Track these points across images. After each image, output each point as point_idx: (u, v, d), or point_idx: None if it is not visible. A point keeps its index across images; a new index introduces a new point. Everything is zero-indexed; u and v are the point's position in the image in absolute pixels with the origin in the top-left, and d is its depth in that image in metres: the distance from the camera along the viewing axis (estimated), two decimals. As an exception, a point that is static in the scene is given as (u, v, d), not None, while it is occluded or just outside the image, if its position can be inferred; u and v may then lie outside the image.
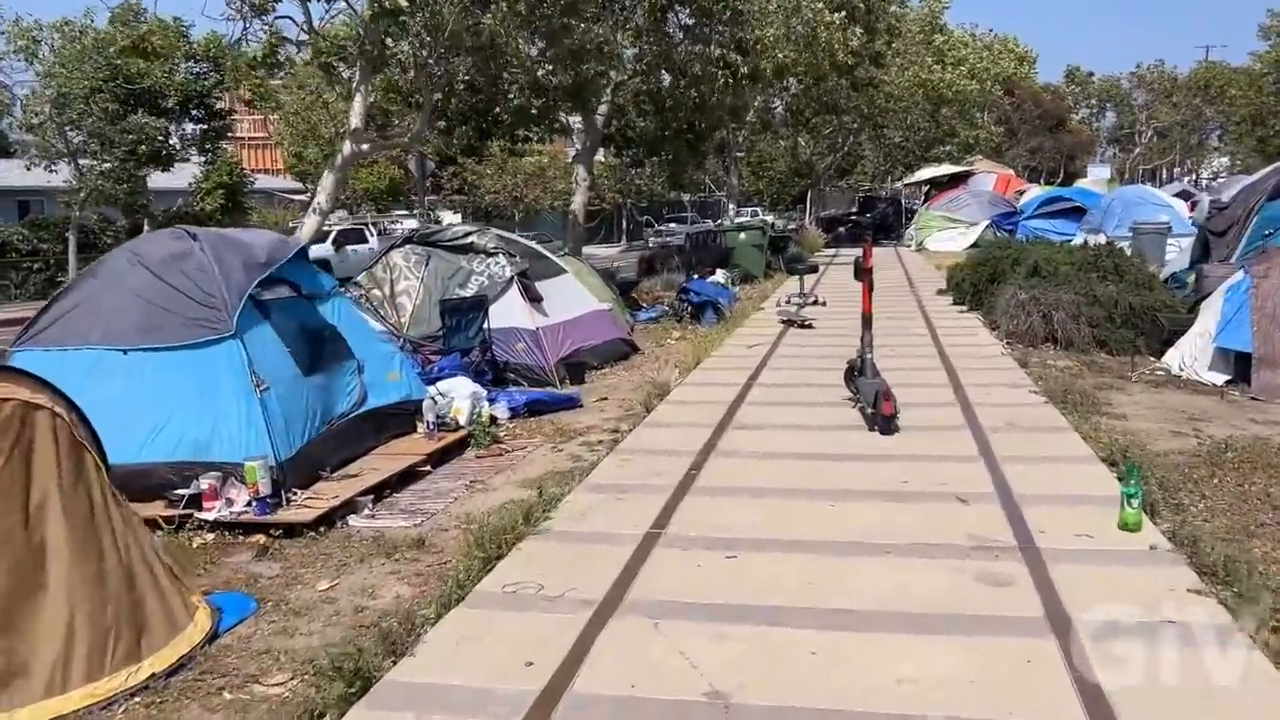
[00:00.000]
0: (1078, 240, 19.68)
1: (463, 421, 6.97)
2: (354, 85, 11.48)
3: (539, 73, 14.20)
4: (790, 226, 40.67)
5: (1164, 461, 5.67)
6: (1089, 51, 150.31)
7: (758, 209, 47.94)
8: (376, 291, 9.92)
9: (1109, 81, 74.86)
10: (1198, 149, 71.34)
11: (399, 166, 38.51)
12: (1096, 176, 55.44)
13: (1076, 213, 24.11)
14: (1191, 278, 12.20)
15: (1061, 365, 9.03)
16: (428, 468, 6.29)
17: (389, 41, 11.39)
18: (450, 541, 4.78)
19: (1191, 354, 8.66)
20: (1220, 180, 58.65)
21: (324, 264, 17.50)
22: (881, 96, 33.72)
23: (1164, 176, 67.71)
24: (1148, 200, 21.71)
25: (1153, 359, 9.53)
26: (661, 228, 42.58)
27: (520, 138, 18.38)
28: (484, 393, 7.48)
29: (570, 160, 24.99)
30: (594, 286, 11.61)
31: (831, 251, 26.80)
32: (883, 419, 6.26)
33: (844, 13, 19.58)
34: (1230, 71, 61.81)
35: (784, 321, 12.16)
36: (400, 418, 6.83)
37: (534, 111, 15.85)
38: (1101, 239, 19.57)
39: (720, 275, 15.38)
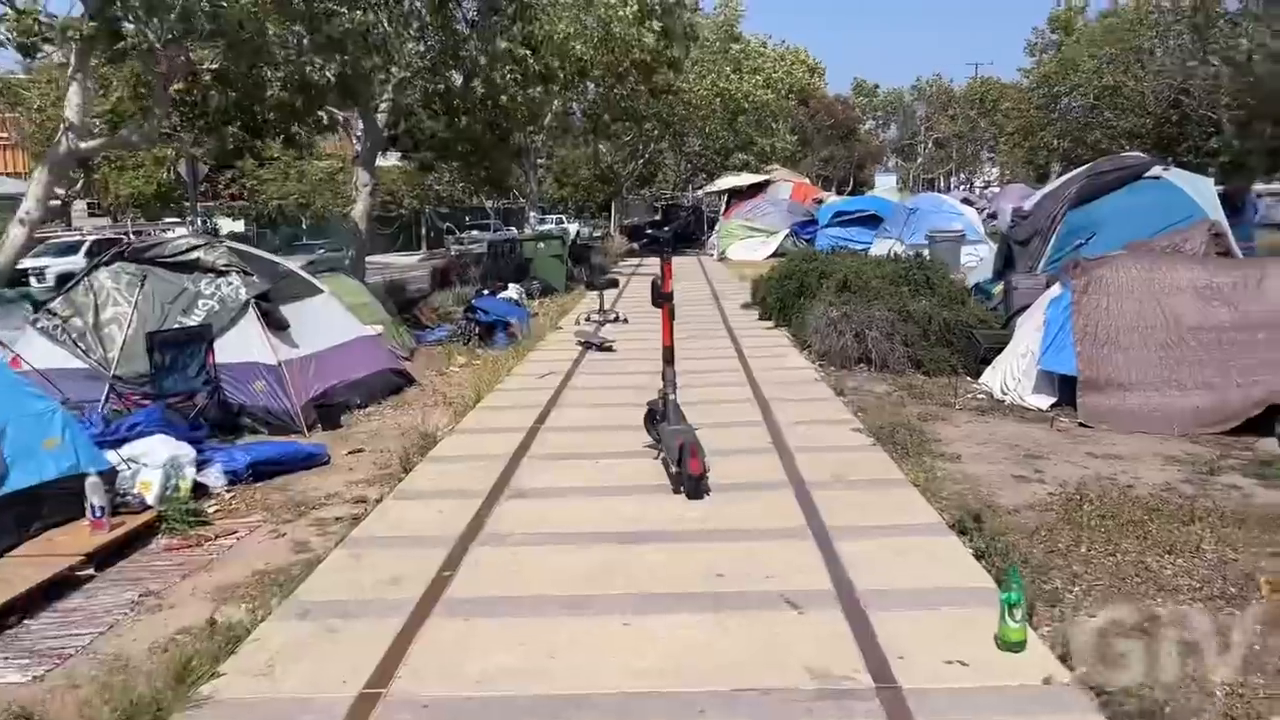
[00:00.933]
0: (876, 249, 19.59)
1: (151, 499, 5.31)
2: (70, 71, 9.46)
3: (305, 66, 12.43)
4: (596, 235, 39.78)
5: (1018, 523, 4.76)
6: (873, 65, 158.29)
7: (562, 216, 46.88)
8: (77, 320, 7.99)
9: (893, 94, 78.56)
10: (973, 159, 75.80)
11: (168, 169, 34.95)
12: (884, 184, 57.72)
13: (873, 221, 24.23)
14: (997, 288, 11.85)
15: (880, 391, 8.21)
16: (90, 571, 4.64)
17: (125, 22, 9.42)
18: (73, 712, 3.22)
19: (1014, 376, 8.01)
20: (993, 189, 62.39)
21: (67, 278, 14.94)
22: (681, 104, 33.30)
23: (942, 185, 71.45)
24: (942, 208, 21.98)
25: (970, 379, 8.91)
26: (463, 235, 40.76)
27: (297, 139, 16.44)
28: (190, 454, 5.81)
29: (351, 163, 23.00)
30: (361, 307, 10.00)
31: (635, 261, 25.91)
32: (690, 480, 5.09)
33: (635, 6, 18.65)
34: (1001, 86, 65.88)
35: (582, 343, 10.94)
36: (64, 499, 5.09)
37: (298, 107, 14.00)
38: (900, 247, 19.61)
39: (513, 290, 14.02)
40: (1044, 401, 7.74)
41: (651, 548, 4.47)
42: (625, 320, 12.97)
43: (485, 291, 13.81)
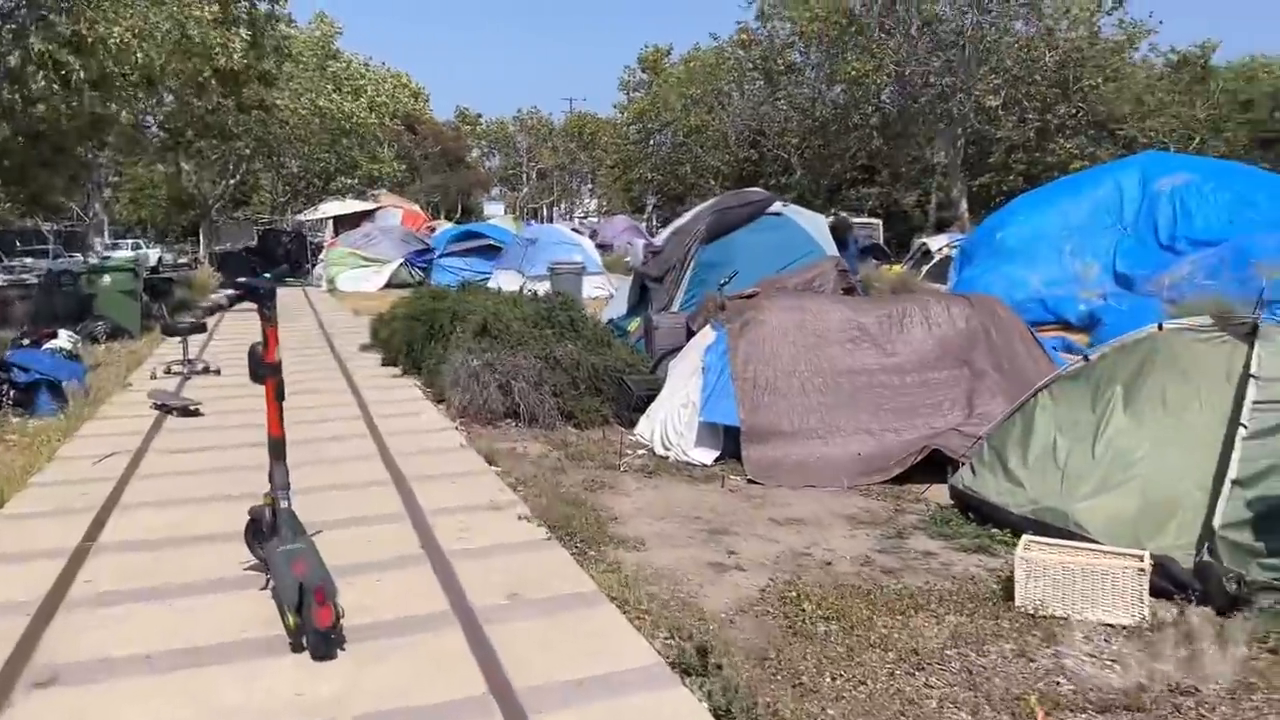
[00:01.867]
0: (496, 280, 18.74)
1: None
2: None
3: None
4: (182, 262, 35.42)
5: (743, 641, 3.87)
6: (475, 94, 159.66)
7: (141, 241, 41.53)
8: None
9: (496, 124, 79.30)
10: (576, 191, 78.51)
11: None
12: (492, 212, 57.83)
13: (491, 250, 23.48)
14: (633, 324, 11.36)
15: (535, 453, 7.15)
16: None
17: None
18: None
19: (675, 429, 7.32)
20: (592, 219, 64.88)
21: None
22: (275, 122, 30.54)
23: (545, 215, 73.17)
24: (563, 240, 21.68)
25: (623, 429, 8.17)
26: (13, 263, 34.35)
27: None
28: None
29: None
30: None
31: (231, 293, 22.99)
32: (317, 635, 3.63)
33: (216, 6, 16.27)
34: (598, 121, 68.82)
35: (158, 407, 8.77)
36: None
37: None
38: (521, 280, 18.93)
39: (65, 339, 11.27)
40: (708, 456, 7.12)
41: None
42: (217, 372, 10.85)
43: (26, 341, 10.93)
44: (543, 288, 14.97)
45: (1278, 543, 4.61)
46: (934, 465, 6.44)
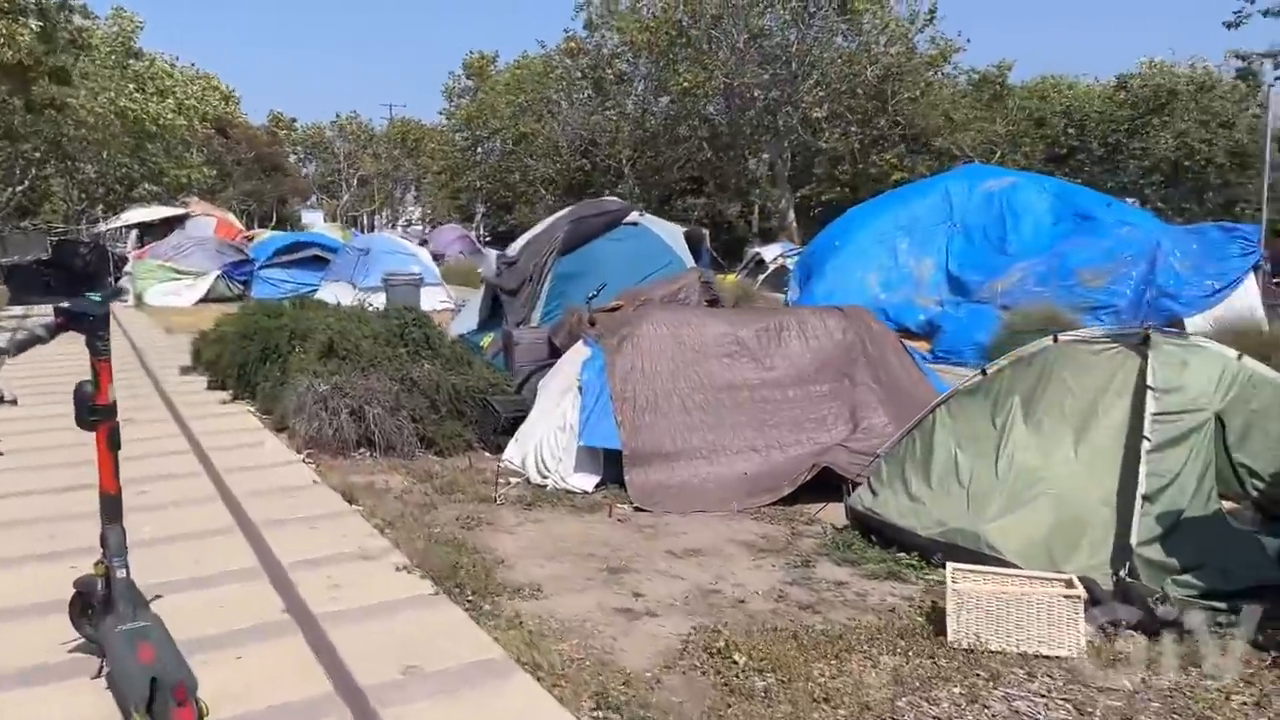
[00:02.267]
0: (325, 292, 17.64)
1: None
2: None
3: None
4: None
5: (675, 705, 3.44)
6: (290, 98, 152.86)
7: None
8: None
9: (313, 129, 76.05)
10: (400, 199, 76.20)
11: None
12: (310, 220, 55.22)
13: (318, 261, 22.26)
14: (486, 339, 10.79)
15: (398, 488, 6.50)
16: None
17: None
18: None
19: (553, 454, 6.82)
20: (416, 227, 63.08)
21: None
22: (70, 123, 28.03)
23: (366, 224, 70.67)
24: (397, 249, 20.75)
25: (488, 453, 7.63)
26: None
27: None
28: None
29: None
30: None
31: (19, 311, 20.72)
32: (176, 742, 2.96)
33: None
34: (423, 128, 67.06)
35: (-58, 446, 7.55)
36: None
37: None
38: (353, 292, 17.91)
39: None
40: (589, 482, 6.67)
41: None
42: (14, 402, 9.50)
43: None
44: (377, 300, 14.22)
45: (1188, 558, 4.58)
46: (823, 483, 6.24)
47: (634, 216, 11.20)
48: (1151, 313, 12.62)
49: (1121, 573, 4.43)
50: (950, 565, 4.42)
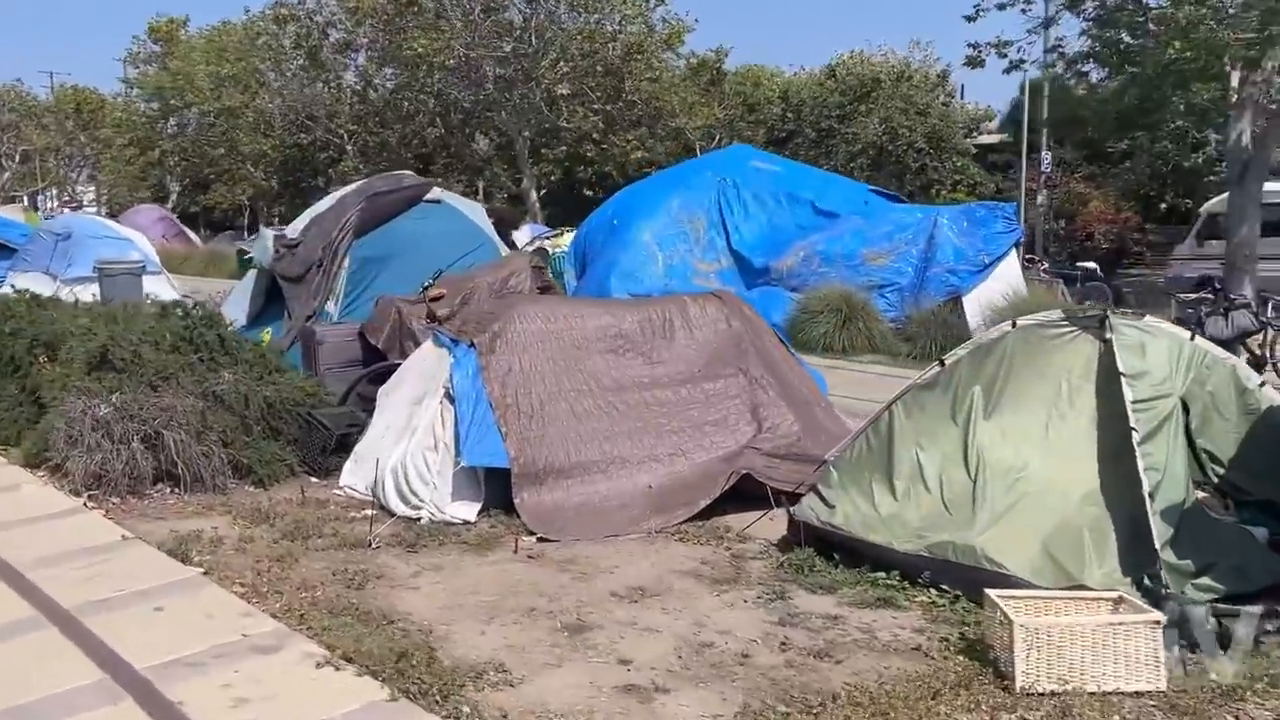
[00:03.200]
0: (20, 284, 14.76)
1: None
2: None
3: None
4: None
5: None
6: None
7: None
8: None
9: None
10: (75, 178, 67.58)
11: None
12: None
13: (3, 250, 18.82)
14: (263, 336, 9.19)
15: (235, 537, 5.07)
16: None
17: None
18: None
19: (422, 477, 5.64)
20: (90, 210, 56.01)
21: None
22: None
23: (30, 205, 62.14)
24: (107, 233, 17.82)
25: (315, 478, 6.35)
26: None
27: None
28: None
29: None
30: None
31: None
32: None
33: None
34: (101, 98, 59.66)
35: None
36: None
37: None
38: (55, 284, 15.20)
39: None
40: (470, 510, 5.59)
41: None
42: None
43: None
44: (86, 294, 12.12)
45: (1199, 558, 4.30)
46: (734, 490, 5.59)
47: (436, 193, 9.96)
48: (936, 287, 13.01)
49: (1149, 582, 4.05)
50: (991, 593, 3.84)
